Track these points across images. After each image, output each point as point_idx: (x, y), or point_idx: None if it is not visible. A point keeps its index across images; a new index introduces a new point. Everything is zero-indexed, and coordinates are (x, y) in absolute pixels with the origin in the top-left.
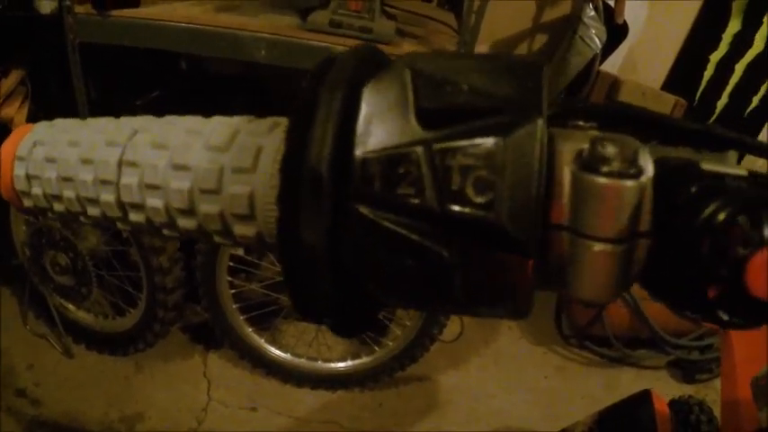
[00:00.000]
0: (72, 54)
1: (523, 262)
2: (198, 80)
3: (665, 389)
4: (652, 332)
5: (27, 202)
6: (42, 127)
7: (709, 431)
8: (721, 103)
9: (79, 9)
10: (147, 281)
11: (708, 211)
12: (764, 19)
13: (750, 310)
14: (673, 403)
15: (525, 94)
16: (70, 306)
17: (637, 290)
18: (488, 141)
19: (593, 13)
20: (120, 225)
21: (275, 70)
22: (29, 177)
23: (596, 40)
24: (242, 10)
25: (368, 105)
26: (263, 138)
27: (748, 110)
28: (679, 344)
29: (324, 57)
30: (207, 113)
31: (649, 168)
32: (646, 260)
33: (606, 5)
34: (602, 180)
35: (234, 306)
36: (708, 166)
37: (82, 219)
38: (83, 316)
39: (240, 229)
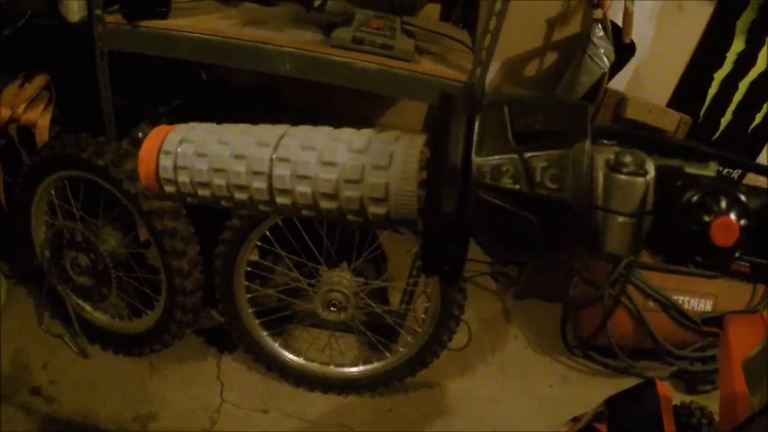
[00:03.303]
0: (101, 62)
1: (578, 227)
2: (217, 90)
3: None
4: (655, 343)
5: (169, 189)
6: (184, 128)
7: None
8: (725, 120)
9: (108, 18)
10: (166, 283)
11: (687, 196)
12: (767, 38)
13: (714, 255)
14: (675, 408)
15: (578, 123)
16: (87, 307)
17: (641, 301)
18: (558, 152)
19: (601, 33)
20: (261, 207)
21: (291, 83)
22: (176, 168)
23: (605, 59)
24: (267, 25)
25: (480, 128)
26: (393, 145)
27: (751, 127)
28: (682, 355)
29: (442, 94)
30: (227, 121)
31: (652, 170)
32: (650, 229)
33: (614, 25)
34: (623, 177)
35: (250, 310)
36: (689, 169)
37: (223, 202)
38: (99, 317)
39: (374, 209)
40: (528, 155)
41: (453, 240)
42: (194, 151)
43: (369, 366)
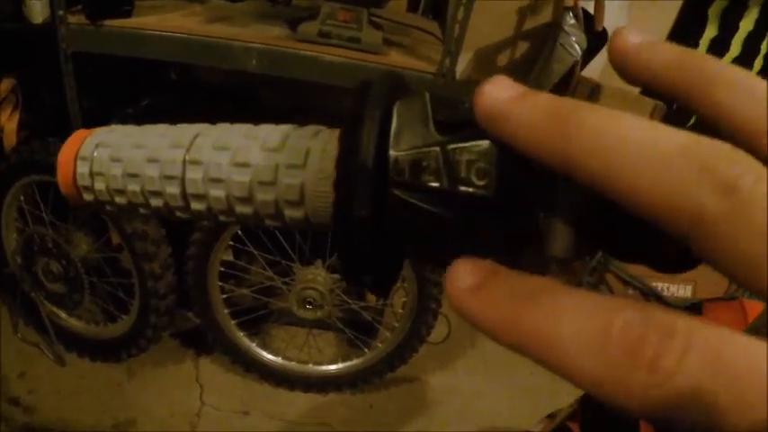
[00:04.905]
0: (65, 63)
1: (513, 229)
2: (186, 89)
3: None
4: None
5: (87, 197)
6: (102, 132)
7: None
8: None
9: (72, 19)
10: (139, 286)
11: None
12: (740, 24)
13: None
14: None
15: None
16: (62, 314)
17: (620, 289)
18: (485, 143)
19: (573, 20)
20: (178, 213)
21: (262, 79)
22: (92, 174)
23: (576, 47)
24: (233, 20)
25: (398, 118)
26: (310, 141)
27: None
28: None
29: (362, 80)
30: (197, 121)
31: None
32: (598, 228)
33: (586, 13)
34: None
35: (225, 311)
36: None
37: (141, 210)
38: (74, 323)
39: (290, 213)
40: (451, 146)
41: (371, 248)
42: (109, 156)
43: (348, 363)
